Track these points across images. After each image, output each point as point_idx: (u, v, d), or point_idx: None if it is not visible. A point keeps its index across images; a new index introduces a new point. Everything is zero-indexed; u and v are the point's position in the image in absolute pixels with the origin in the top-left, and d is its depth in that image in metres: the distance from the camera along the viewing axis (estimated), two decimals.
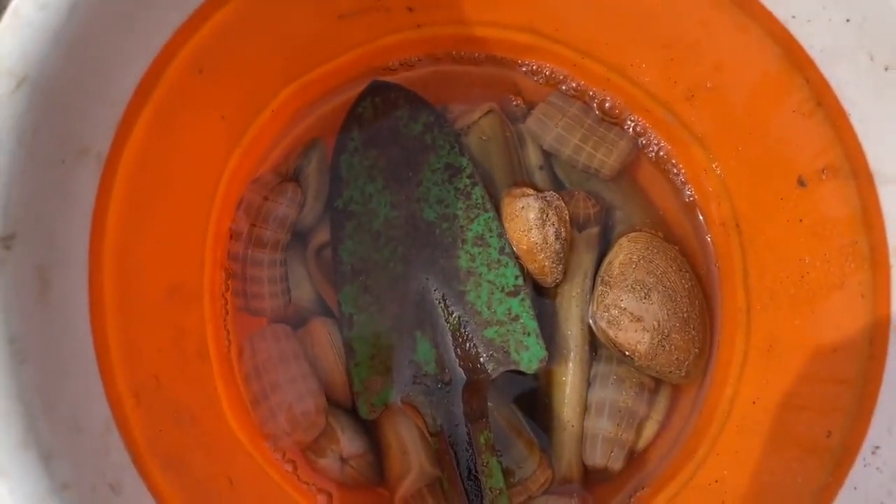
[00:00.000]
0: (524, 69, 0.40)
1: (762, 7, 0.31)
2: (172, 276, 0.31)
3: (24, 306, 0.22)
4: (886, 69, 0.28)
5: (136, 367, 0.27)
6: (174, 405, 0.29)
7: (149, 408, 0.27)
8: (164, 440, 0.27)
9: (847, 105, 0.30)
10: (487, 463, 0.33)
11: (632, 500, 0.35)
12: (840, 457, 0.28)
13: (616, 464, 0.36)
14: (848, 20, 0.28)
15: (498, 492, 0.33)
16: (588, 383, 0.37)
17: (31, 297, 0.22)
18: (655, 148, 0.39)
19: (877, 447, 0.27)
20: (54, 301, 0.23)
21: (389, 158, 0.39)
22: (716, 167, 0.37)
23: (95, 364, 0.25)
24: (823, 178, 0.31)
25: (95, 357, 0.25)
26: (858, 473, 0.27)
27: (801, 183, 0.33)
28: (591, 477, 0.37)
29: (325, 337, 0.37)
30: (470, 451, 0.33)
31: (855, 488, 0.26)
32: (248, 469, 0.32)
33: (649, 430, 0.37)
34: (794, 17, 0.30)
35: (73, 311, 0.25)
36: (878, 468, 0.26)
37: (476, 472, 0.33)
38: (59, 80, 0.23)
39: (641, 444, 0.37)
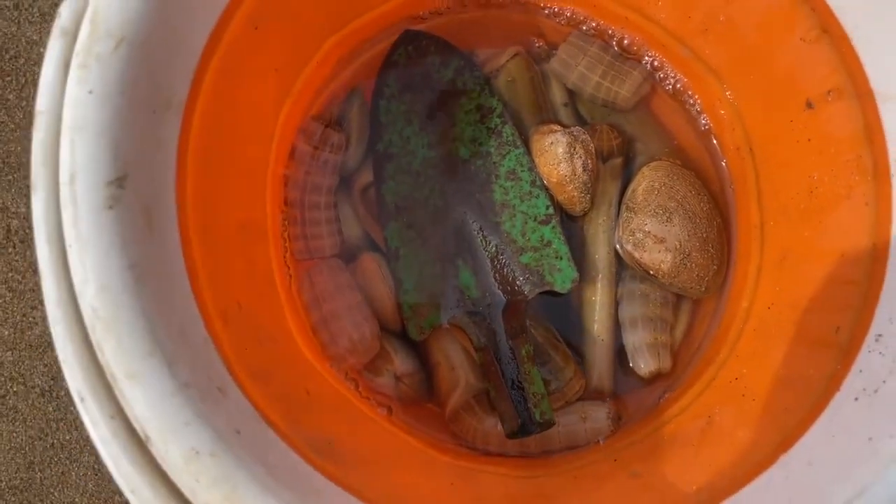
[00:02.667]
0: (546, 12, 0.42)
1: None
2: (241, 214, 0.35)
3: (137, 237, 0.25)
4: None
5: (221, 292, 0.31)
6: (254, 327, 0.32)
7: (235, 328, 0.31)
8: (249, 356, 0.31)
9: (849, 29, 0.32)
10: (529, 372, 0.37)
11: (660, 401, 0.39)
12: (847, 347, 0.31)
13: (666, 363, 0.39)
14: None
15: (540, 396, 0.36)
16: (616, 302, 0.41)
17: (141, 230, 0.26)
18: (672, 81, 0.42)
19: (879, 335, 0.30)
20: (157, 233, 0.27)
21: (424, 102, 0.42)
22: (729, 96, 0.40)
23: (190, 289, 0.29)
24: (829, 99, 0.34)
25: (189, 283, 0.29)
26: (864, 359, 0.30)
27: (809, 105, 0.36)
28: (620, 386, 0.40)
29: (375, 269, 0.40)
30: (513, 362, 0.37)
31: (861, 371, 0.30)
32: (321, 384, 0.35)
33: (677, 334, 0.40)
34: None
35: (169, 243, 0.28)
36: (880, 353, 0.30)
37: (520, 380, 0.36)
38: (148, 37, 0.26)
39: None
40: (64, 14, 0.26)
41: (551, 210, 0.40)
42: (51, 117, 0.25)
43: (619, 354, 0.40)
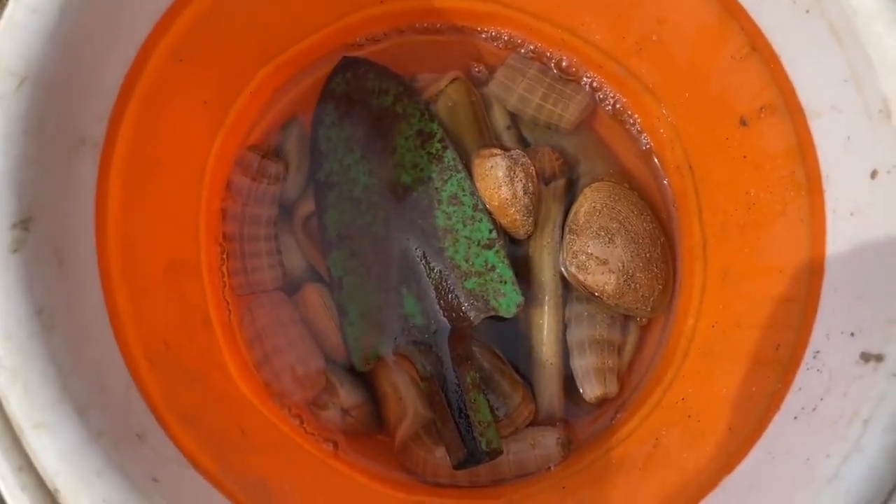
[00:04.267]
0: (484, 36, 0.42)
1: None
2: (171, 252, 0.34)
3: (46, 281, 0.25)
4: (807, 12, 0.30)
5: (147, 334, 0.30)
6: (185, 368, 0.31)
7: (162, 370, 0.30)
8: (178, 398, 0.30)
9: (777, 47, 0.32)
10: (475, 400, 0.36)
11: (611, 423, 0.38)
12: (787, 364, 0.31)
13: (613, 387, 0.39)
14: None
15: (486, 424, 0.36)
16: (564, 324, 0.40)
17: (51, 273, 0.25)
18: (612, 101, 0.42)
19: (817, 352, 0.30)
20: (71, 275, 0.26)
21: (364, 129, 0.41)
22: (667, 114, 0.40)
23: (111, 331, 0.28)
24: (762, 116, 0.34)
25: (111, 325, 0.28)
26: (802, 376, 0.30)
27: (743, 122, 0.36)
28: (570, 409, 0.40)
29: (317, 300, 0.40)
30: (459, 390, 0.36)
31: (800, 389, 0.30)
32: (258, 422, 0.34)
33: (626, 356, 0.40)
34: None
35: (87, 285, 0.27)
36: (818, 370, 0.29)
37: (466, 409, 0.36)
38: (55, 76, 0.26)
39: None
40: None
41: (494, 234, 0.39)
42: None
43: (569, 378, 0.40)
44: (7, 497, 0.24)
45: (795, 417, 0.29)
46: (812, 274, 0.32)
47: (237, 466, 0.30)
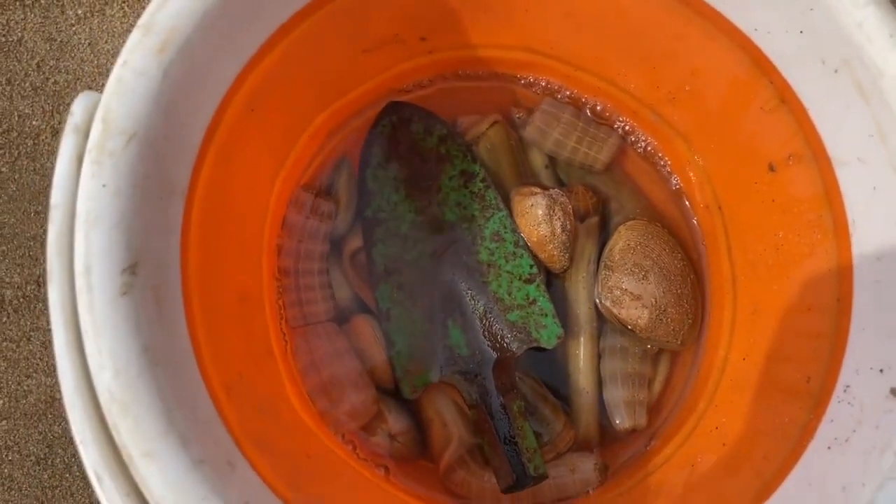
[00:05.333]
0: (523, 82, 0.45)
1: (729, 21, 0.36)
2: (240, 287, 0.36)
3: (149, 321, 0.27)
4: (836, 71, 0.33)
5: (224, 365, 0.32)
6: (255, 397, 0.34)
7: (237, 399, 0.32)
8: (252, 426, 0.32)
9: (805, 101, 0.35)
10: (522, 427, 0.38)
11: (646, 450, 0.41)
12: (818, 397, 0.33)
13: (642, 420, 0.41)
14: (801, 31, 0.33)
15: (533, 451, 0.38)
16: (598, 355, 0.43)
17: (152, 313, 0.27)
18: (643, 144, 0.44)
19: (847, 386, 0.32)
20: (166, 314, 0.28)
21: (410, 169, 0.44)
22: (697, 158, 0.42)
23: (196, 365, 0.30)
24: (790, 163, 0.37)
25: (195, 359, 0.30)
26: (834, 408, 0.32)
27: (771, 168, 0.38)
28: (607, 435, 0.42)
29: (368, 330, 0.42)
30: (506, 418, 0.38)
31: (832, 420, 0.32)
32: (320, 449, 0.37)
33: (656, 388, 0.42)
34: (756, 29, 0.35)
35: (177, 323, 0.29)
36: (849, 403, 0.32)
37: (513, 436, 0.38)
38: (156, 132, 0.28)
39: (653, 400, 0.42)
40: (77, 112, 0.28)
41: (535, 269, 0.42)
42: (65, 210, 0.27)
43: (604, 405, 0.42)
44: None
45: (829, 447, 0.31)
46: (840, 313, 0.34)
47: (307, 491, 0.32)
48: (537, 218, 0.41)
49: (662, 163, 0.44)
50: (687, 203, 0.44)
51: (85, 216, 0.26)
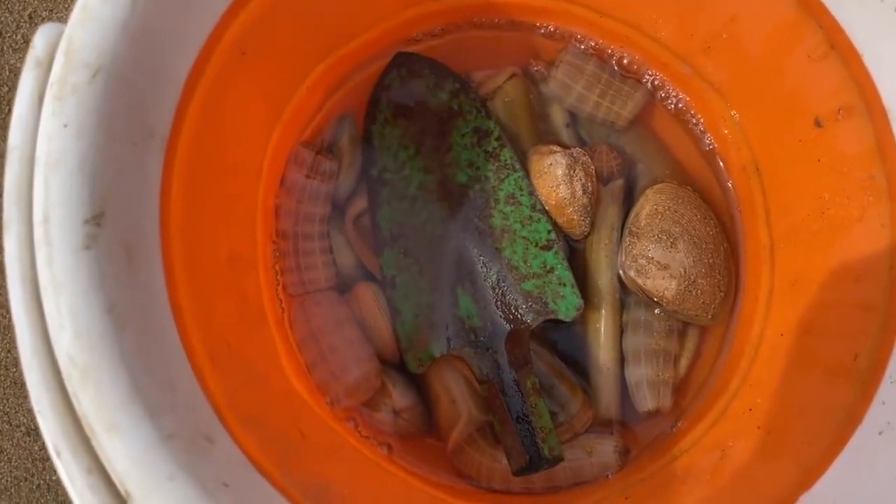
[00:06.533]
0: (542, 31, 0.41)
1: None
2: (230, 247, 0.33)
3: (116, 277, 0.24)
4: None
5: (209, 332, 0.29)
6: (245, 368, 0.31)
7: (224, 370, 0.29)
8: (240, 399, 0.29)
9: (859, 46, 0.31)
10: (536, 405, 0.35)
11: (672, 432, 0.37)
12: (867, 377, 0.30)
13: (666, 401, 0.38)
14: None
15: (548, 431, 0.35)
16: (620, 329, 0.39)
17: (121, 269, 0.24)
18: (674, 100, 0.41)
19: None
20: (138, 272, 0.25)
21: (419, 126, 0.40)
22: (734, 114, 0.38)
23: (176, 330, 0.27)
24: (839, 117, 0.33)
25: (175, 324, 0.27)
26: (886, 390, 0.29)
27: (817, 124, 0.34)
28: (628, 416, 0.39)
29: (371, 299, 0.39)
30: (519, 395, 0.35)
31: (883, 403, 0.28)
32: (316, 425, 0.34)
33: (682, 366, 0.39)
34: None
35: (153, 282, 0.26)
36: None
37: (527, 414, 0.35)
38: (127, 67, 0.25)
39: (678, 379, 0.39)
40: (38, 45, 0.25)
41: (553, 235, 0.38)
42: (24, 153, 0.24)
43: (625, 384, 0.39)
44: (75, 499, 0.23)
45: (881, 432, 0.28)
46: (893, 284, 0.31)
47: (299, 471, 0.29)
48: (556, 178, 0.38)
49: (694, 121, 0.40)
50: (721, 164, 0.40)
51: (45, 159, 0.24)
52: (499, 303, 0.38)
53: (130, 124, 0.26)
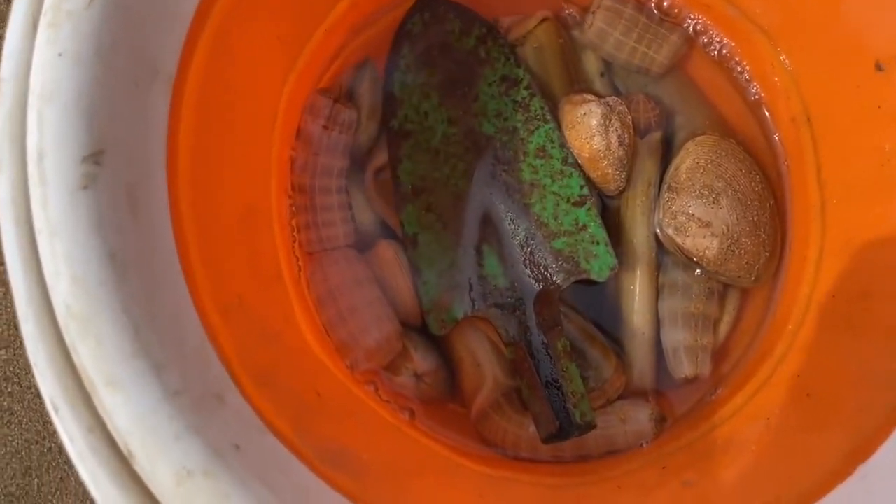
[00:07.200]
0: None
1: None
2: (243, 199, 0.31)
3: (119, 222, 0.22)
4: None
5: (220, 286, 0.27)
6: (258, 325, 0.29)
7: (235, 325, 0.27)
8: (252, 356, 0.27)
9: None
10: (567, 369, 0.33)
11: (711, 399, 0.35)
12: None
13: (705, 368, 0.35)
14: None
15: (580, 396, 0.33)
16: (656, 291, 0.37)
17: (123, 214, 0.22)
18: (717, 46, 0.38)
19: None
20: (143, 219, 0.24)
21: (443, 74, 0.38)
22: (784, 60, 0.35)
23: (184, 281, 0.25)
24: None
25: (183, 275, 0.25)
26: None
27: (878, 68, 0.31)
28: (663, 383, 0.37)
29: (392, 258, 0.37)
30: (548, 358, 0.33)
31: None
32: (334, 386, 0.32)
33: (722, 331, 0.37)
34: None
35: (159, 229, 0.25)
36: None
37: (557, 378, 0.33)
38: None
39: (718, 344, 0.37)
40: None
41: (586, 190, 0.36)
42: (17, 85, 0.22)
43: (661, 348, 0.37)
44: (75, 460, 0.22)
45: None
46: None
47: (315, 433, 0.27)
48: (591, 129, 0.35)
49: (739, 69, 0.38)
50: (767, 115, 0.37)
51: (38, 91, 0.22)
52: (527, 262, 0.36)
53: (132, 58, 0.24)
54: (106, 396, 0.21)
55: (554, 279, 0.35)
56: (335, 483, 0.26)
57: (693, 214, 0.36)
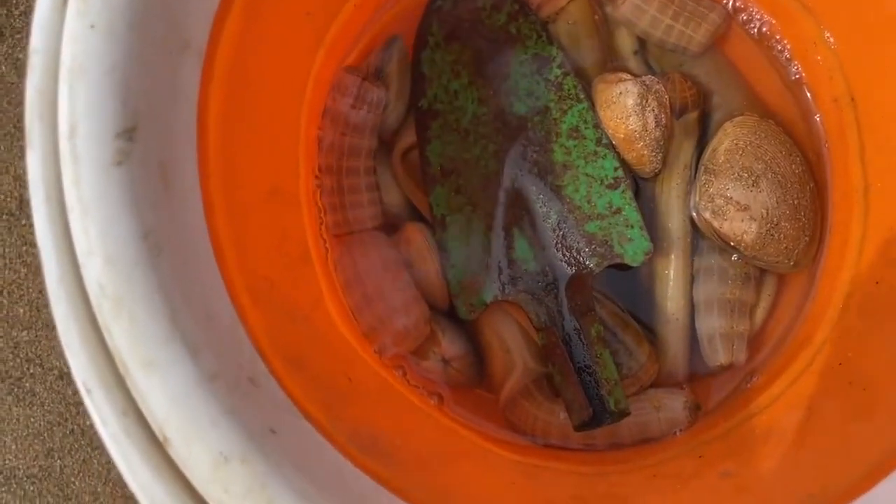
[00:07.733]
0: None
1: None
2: (271, 178, 0.30)
3: (152, 200, 0.21)
4: None
5: (249, 267, 0.27)
6: (288, 306, 0.28)
7: (265, 307, 0.27)
8: (282, 339, 0.27)
9: None
10: (600, 355, 0.32)
11: (747, 387, 0.34)
12: None
13: (741, 355, 0.35)
14: None
15: (614, 382, 0.32)
16: (691, 276, 0.36)
17: (157, 192, 0.22)
18: (757, 23, 0.37)
19: None
20: (176, 197, 0.23)
21: (473, 52, 0.37)
22: (828, 37, 0.34)
23: (215, 262, 0.25)
24: None
25: (214, 256, 0.25)
26: None
27: None
28: (698, 370, 0.36)
29: (421, 241, 0.36)
30: (582, 344, 0.33)
31: None
32: (363, 371, 0.31)
33: (758, 317, 0.36)
34: None
35: (190, 208, 0.24)
36: None
37: (591, 364, 0.32)
38: None
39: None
40: None
41: (620, 172, 0.35)
42: (48, 57, 0.21)
43: (695, 335, 0.36)
44: (108, 442, 0.21)
45: None
46: None
47: (348, 418, 0.27)
48: (626, 109, 0.34)
49: (780, 47, 0.36)
50: (808, 95, 0.36)
51: (69, 64, 0.21)
52: (559, 245, 0.35)
53: (164, 30, 0.23)
54: (141, 379, 0.20)
55: (587, 263, 0.35)
56: (368, 469, 0.25)
57: (731, 197, 0.35)
